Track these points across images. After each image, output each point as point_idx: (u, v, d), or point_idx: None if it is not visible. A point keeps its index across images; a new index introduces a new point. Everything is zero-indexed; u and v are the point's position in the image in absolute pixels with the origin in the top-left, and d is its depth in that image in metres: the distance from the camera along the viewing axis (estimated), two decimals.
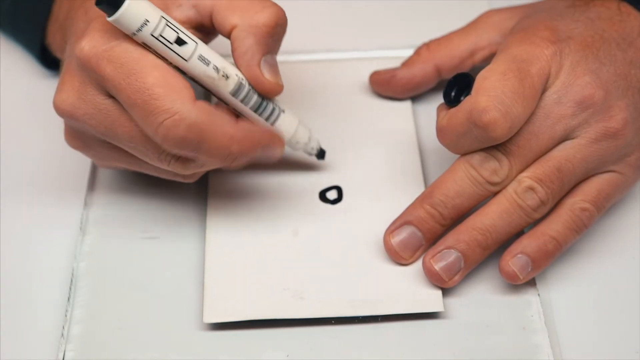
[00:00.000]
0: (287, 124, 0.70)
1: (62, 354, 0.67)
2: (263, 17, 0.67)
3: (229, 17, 0.67)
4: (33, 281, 0.72)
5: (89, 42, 0.65)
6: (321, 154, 0.74)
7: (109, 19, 0.64)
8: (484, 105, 0.67)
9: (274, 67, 0.68)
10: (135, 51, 0.65)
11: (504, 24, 0.76)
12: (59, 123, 0.76)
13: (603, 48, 0.70)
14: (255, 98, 0.68)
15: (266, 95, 0.68)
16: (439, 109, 0.71)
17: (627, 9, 0.72)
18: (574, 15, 0.71)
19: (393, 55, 0.83)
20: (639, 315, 0.69)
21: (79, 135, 0.70)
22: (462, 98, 0.69)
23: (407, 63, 0.79)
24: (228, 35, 0.67)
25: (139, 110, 0.64)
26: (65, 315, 0.69)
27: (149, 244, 0.73)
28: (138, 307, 0.70)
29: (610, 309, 0.70)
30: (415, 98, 0.81)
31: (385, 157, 0.76)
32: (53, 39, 0.79)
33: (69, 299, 0.70)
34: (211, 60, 0.66)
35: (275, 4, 0.67)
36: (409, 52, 0.80)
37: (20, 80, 0.83)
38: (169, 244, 0.73)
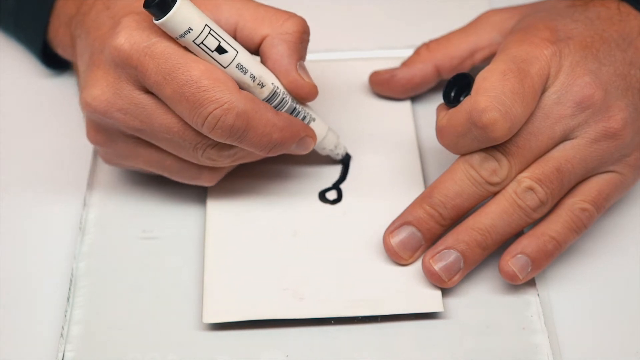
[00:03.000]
0: (317, 130, 0.72)
1: (62, 354, 0.67)
2: (292, 25, 0.69)
3: (257, 29, 0.69)
4: (33, 281, 0.72)
5: (129, 39, 0.66)
6: (346, 158, 0.76)
7: (156, 22, 0.65)
8: (484, 106, 0.67)
9: (307, 72, 0.70)
10: (176, 49, 0.66)
11: (503, 24, 0.76)
12: (59, 123, 0.76)
13: (602, 48, 0.70)
14: (288, 105, 0.70)
15: (305, 98, 0.70)
16: (439, 109, 0.71)
17: (627, 9, 0.72)
18: (574, 15, 0.71)
19: (393, 55, 0.83)
20: (639, 315, 0.69)
21: (105, 131, 0.70)
22: (461, 98, 0.69)
23: (407, 63, 0.79)
24: (257, 47, 0.69)
25: (186, 103, 0.66)
26: (65, 316, 0.69)
27: (148, 244, 0.73)
28: (138, 307, 0.70)
29: (610, 308, 0.70)
30: (415, 98, 0.81)
31: (385, 157, 0.76)
32: (55, 35, 0.79)
33: (68, 299, 0.70)
34: (249, 68, 0.68)
35: (297, 14, 0.70)
36: (409, 52, 0.80)
37: (20, 80, 0.83)
38: (169, 244, 0.73)
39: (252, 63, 0.68)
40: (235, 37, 0.69)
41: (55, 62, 0.82)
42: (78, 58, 0.72)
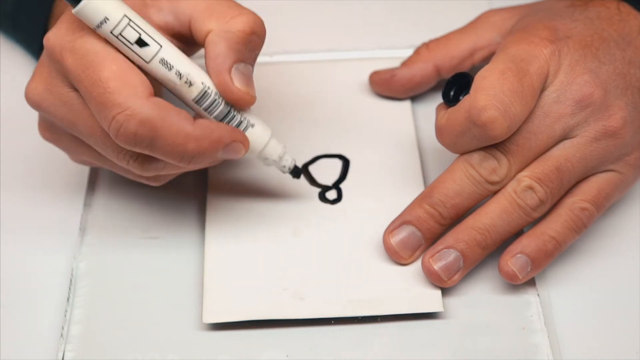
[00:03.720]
0: (255, 138, 0.68)
1: (62, 354, 0.67)
2: (238, 23, 0.65)
3: (205, 23, 0.66)
4: (33, 281, 0.72)
5: (55, 33, 0.65)
6: (296, 172, 0.72)
7: (73, 11, 0.63)
8: (483, 104, 0.67)
9: (246, 77, 0.66)
10: (97, 44, 0.64)
11: (503, 23, 0.76)
12: None
13: (602, 47, 0.70)
14: (220, 108, 0.66)
15: (235, 104, 0.67)
16: (438, 108, 0.71)
17: (626, 8, 0.72)
18: (573, 14, 0.71)
19: (393, 55, 0.83)
20: (639, 315, 0.69)
21: (50, 127, 0.70)
22: (461, 97, 0.69)
23: (407, 63, 0.79)
24: (204, 42, 0.66)
25: (94, 103, 0.64)
26: (65, 316, 0.69)
27: (149, 244, 0.73)
28: (137, 307, 0.70)
29: (610, 308, 0.70)
30: (414, 98, 0.81)
31: (385, 157, 0.76)
32: None
33: (68, 299, 0.70)
34: (174, 65, 0.65)
35: (252, 12, 0.66)
36: (409, 52, 0.80)
37: (20, 80, 0.83)
38: (169, 244, 0.73)
39: (179, 59, 0.65)
40: (190, 30, 0.66)
41: None
42: None
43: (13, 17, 0.82)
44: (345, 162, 0.76)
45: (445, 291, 0.69)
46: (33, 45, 0.81)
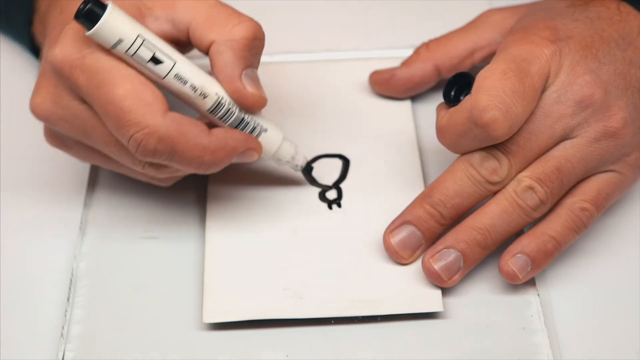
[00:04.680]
0: (269, 142, 0.70)
1: (62, 354, 0.67)
2: (240, 30, 0.67)
3: (206, 33, 0.67)
4: (33, 281, 0.72)
5: (62, 50, 0.65)
6: (308, 170, 0.74)
7: (86, 34, 0.64)
8: (484, 105, 0.67)
9: (255, 81, 0.68)
10: (107, 61, 0.65)
11: (503, 23, 0.76)
12: None
13: (602, 48, 0.70)
14: (234, 116, 0.68)
15: (249, 108, 0.68)
16: (439, 108, 0.71)
17: (627, 8, 0.72)
18: (574, 14, 0.71)
19: (393, 55, 0.83)
20: (639, 315, 0.69)
21: (58, 136, 0.70)
22: (461, 97, 0.69)
23: (407, 63, 0.79)
24: (206, 51, 0.67)
25: (110, 121, 0.65)
26: (65, 315, 0.69)
27: (149, 244, 0.73)
28: (138, 307, 0.70)
29: (610, 309, 0.70)
30: (415, 98, 0.81)
31: (385, 157, 0.76)
32: (36, 30, 0.79)
33: (68, 299, 0.70)
34: (189, 79, 0.66)
35: (251, 18, 0.67)
36: (409, 52, 0.80)
37: (20, 80, 0.83)
38: (169, 244, 0.73)
39: (193, 73, 0.66)
40: (189, 38, 0.67)
41: None
42: (41, 61, 0.71)
43: (4, 9, 0.82)
44: (346, 162, 0.76)
45: (445, 291, 0.69)
46: (24, 39, 0.81)
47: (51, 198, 0.76)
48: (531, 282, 0.70)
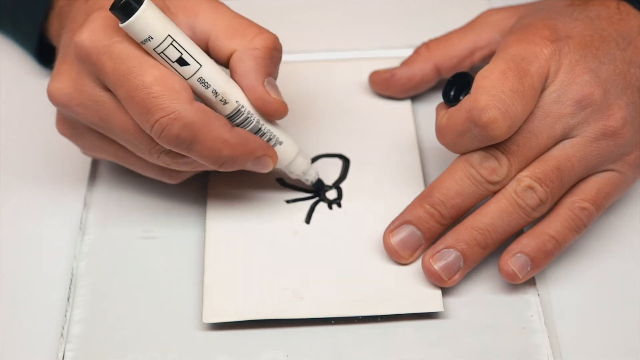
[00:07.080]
0: (282, 154, 0.71)
1: (62, 353, 0.67)
2: (261, 40, 0.68)
3: (228, 42, 0.68)
4: (33, 281, 0.72)
5: (90, 36, 0.66)
6: (318, 186, 0.74)
7: (120, 25, 0.65)
8: (484, 104, 0.67)
9: (276, 89, 0.69)
10: (135, 50, 0.66)
11: (503, 23, 0.76)
12: None
13: (602, 47, 0.70)
14: (252, 125, 0.69)
15: (271, 115, 0.69)
16: (438, 108, 0.71)
17: (627, 8, 0.72)
18: (573, 14, 0.71)
19: (393, 55, 0.83)
20: (639, 315, 0.69)
21: (71, 124, 0.71)
22: (461, 97, 0.69)
23: (407, 62, 0.79)
24: (226, 60, 0.68)
25: (136, 107, 0.65)
26: (65, 315, 0.69)
27: (149, 243, 0.73)
28: (138, 307, 0.70)
29: (610, 308, 0.70)
30: (414, 98, 0.81)
31: (385, 157, 0.77)
32: (51, 26, 0.79)
33: (68, 299, 0.70)
34: (212, 84, 0.67)
35: (269, 31, 0.69)
36: (409, 52, 0.80)
37: (20, 79, 0.84)
38: (168, 243, 0.73)
39: (217, 78, 0.67)
40: (208, 47, 0.68)
41: (50, 61, 0.82)
42: (59, 50, 0.72)
43: (11, 11, 0.82)
44: (346, 162, 0.76)
45: (445, 291, 0.69)
46: (30, 39, 0.81)
47: (51, 198, 0.76)
48: (531, 282, 0.70)
